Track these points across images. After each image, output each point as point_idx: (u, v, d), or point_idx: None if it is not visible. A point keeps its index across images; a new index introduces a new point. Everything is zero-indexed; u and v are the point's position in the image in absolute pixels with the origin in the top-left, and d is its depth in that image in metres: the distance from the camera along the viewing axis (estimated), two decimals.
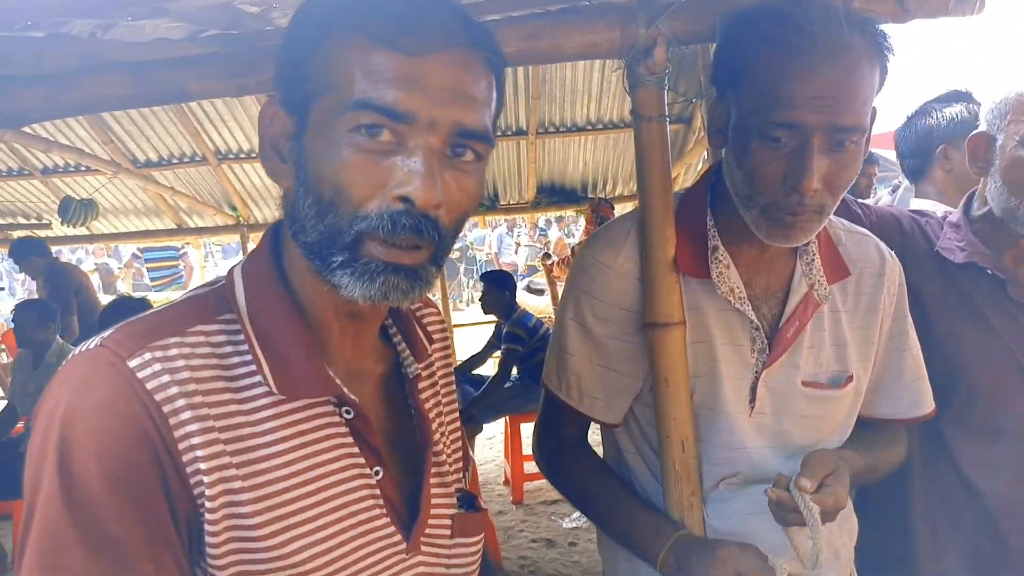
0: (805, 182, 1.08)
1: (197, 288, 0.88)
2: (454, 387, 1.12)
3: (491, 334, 5.51)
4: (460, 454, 1.08)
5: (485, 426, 5.06)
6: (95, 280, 10.21)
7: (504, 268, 13.03)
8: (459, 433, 1.10)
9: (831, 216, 1.23)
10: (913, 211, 1.72)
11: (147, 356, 0.75)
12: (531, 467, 4.62)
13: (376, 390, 0.95)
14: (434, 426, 1.00)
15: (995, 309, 1.54)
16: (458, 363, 5.31)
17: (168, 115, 5.18)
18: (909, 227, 1.66)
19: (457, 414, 1.12)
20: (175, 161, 5.75)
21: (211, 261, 13.59)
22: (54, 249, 6.27)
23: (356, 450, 0.86)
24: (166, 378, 0.74)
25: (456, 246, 1.39)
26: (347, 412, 0.86)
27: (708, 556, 1.18)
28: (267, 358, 0.81)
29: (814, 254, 1.28)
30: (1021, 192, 1.47)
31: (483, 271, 9.01)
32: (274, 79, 0.85)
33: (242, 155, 5.71)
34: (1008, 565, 1.54)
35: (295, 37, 0.81)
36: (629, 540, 1.32)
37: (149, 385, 0.73)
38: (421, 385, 1.00)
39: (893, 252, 1.43)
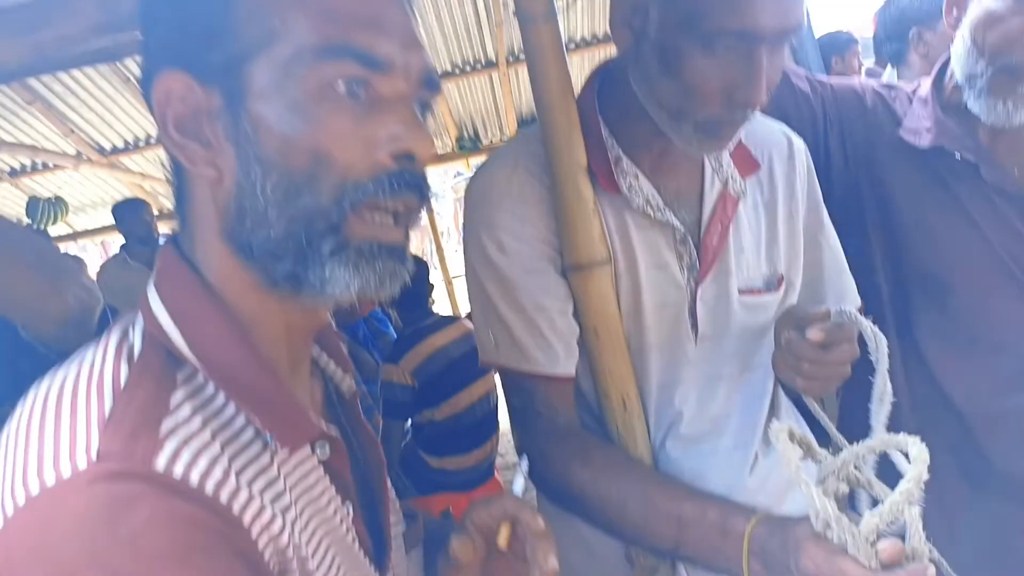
0: (756, 96, 0.92)
1: (121, 338, 0.67)
2: None
3: None
4: None
5: None
6: None
7: None
8: None
9: None
10: (880, 85, 1.49)
11: (168, 449, 0.58)
12: None
13: (324, 418, 0.81)
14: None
15: (971, 197, 1.31)
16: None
17: (125, 97, 4.97)
18: (873, 103, 1.43)
19: None
20: (141, 144, 5.55)
21: None
22: None
23: (334, 490, 0.75)
24: (204, 463, 0.59)
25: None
26: (322, 451, 0.73)
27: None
28: (254, 412, 0.67)
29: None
30: (994, 55, 1.22)
31: None
32: (156, 48, 0.67)
33: None
34: (993, 486, 1.35)
35: None
36: (677, 548, 1.02)
37: (194, 481, 0.58)
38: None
39: (845, 129, 1.30)
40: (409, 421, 3.35)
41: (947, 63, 1.37)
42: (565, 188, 1.07)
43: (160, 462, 0.57)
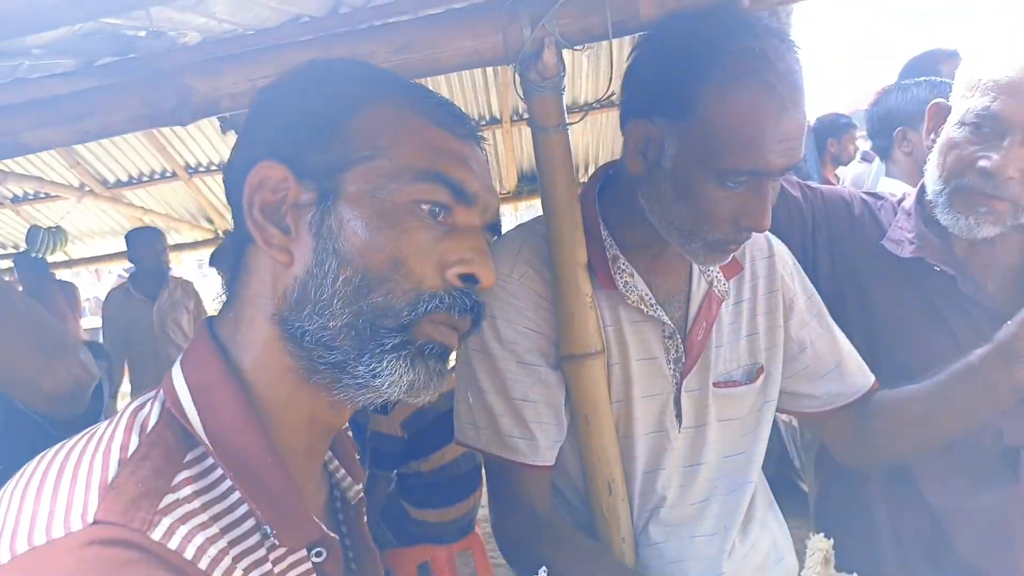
0: (763, 222, 1.01)
1: (135, 411, 0.70)
2: None
3: None
4: None
5: None
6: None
7: None
8: None
9: None
10: (867, 194, 1.58)
11: (166, 523, 0.60)
12: None
13: (325, 521, 0.81)
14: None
15: (948, 306, 1.40)
16: None
17: (134, 134, 5.06)
18: (860, 211, 1.53)
19: None
20: (145, 179, 5.62)
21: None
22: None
23: None
24: (200, 540, 0.62)
25: None
26: (317, 555, 0.74)
27: None
28: (258, 504, 0.67)
29: None
30: (950, 176, 1.33)
31: None
32: (260, 139, 0.73)
33: (212, 168, 5.59)
34: None
35: (319, 99, 0.71)
36: None
37: (188, 555, 0.60)
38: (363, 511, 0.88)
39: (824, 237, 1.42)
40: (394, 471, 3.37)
41: None
42: (566, 284, 1.14)
43: (156, 533, 0.59)
